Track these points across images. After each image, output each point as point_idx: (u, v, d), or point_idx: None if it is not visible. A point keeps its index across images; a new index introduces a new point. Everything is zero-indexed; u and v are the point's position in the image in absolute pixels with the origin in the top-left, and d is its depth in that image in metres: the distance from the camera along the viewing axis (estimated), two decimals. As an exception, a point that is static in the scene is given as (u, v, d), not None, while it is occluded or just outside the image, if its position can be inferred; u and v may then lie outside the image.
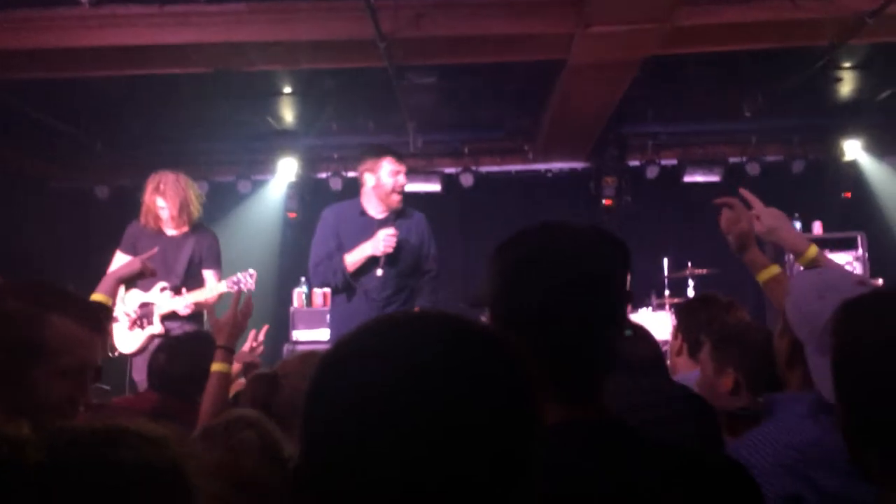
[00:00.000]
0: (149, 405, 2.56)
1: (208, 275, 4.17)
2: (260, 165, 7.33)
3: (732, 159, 7.15)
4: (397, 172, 3.96)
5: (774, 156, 7.16)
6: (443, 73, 6.09)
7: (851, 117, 6.87)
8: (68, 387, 1.53)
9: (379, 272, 3.81)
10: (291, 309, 6.62)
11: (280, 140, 7.13)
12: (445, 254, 7.46)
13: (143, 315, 4.10)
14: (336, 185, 7.28)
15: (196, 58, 4.97)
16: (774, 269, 2.08)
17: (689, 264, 6.27)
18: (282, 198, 7.37)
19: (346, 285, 3.87)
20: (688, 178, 7.13)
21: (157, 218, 4.12)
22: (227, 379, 2.34)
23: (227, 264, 4.27)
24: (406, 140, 6.82)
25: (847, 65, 5.90)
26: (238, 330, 2.48)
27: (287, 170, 7.20)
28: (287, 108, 6.74)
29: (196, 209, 4.15)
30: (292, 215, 7.35)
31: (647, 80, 5.60)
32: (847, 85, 6.40)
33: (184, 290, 4.10)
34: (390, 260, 3.83)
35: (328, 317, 4.86)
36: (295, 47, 4.82)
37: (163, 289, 4.10)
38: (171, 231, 4.17)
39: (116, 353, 4.07)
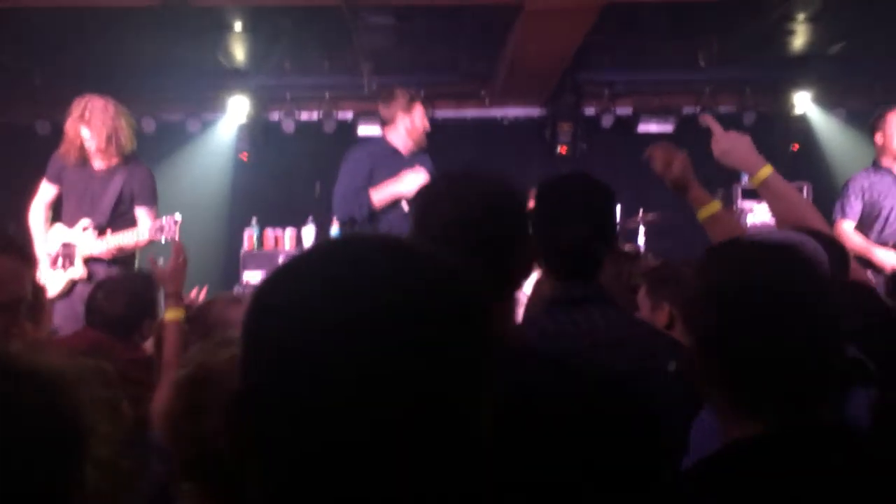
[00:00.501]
0: (86, 343, 2.55)
1: (141, 213, 3.83)
2: (209, 104, 7.14)
3: (686, 110, 7.21)
4: (426, 115, 4.32)
5: (727, 107, 7.24)
6: (399, 14, 5.97)
7: (803, 69, 6.96)
8: (1, 320, 1.54)
9: (406, 207, 3.89)
10: (242, 251, 6.56)
11: (231, 79, 6.94)
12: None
13: (65, 255, 3.74)
14: (288, 126, 7.15)
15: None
16: (714, 206, 2.10)
17: (641, 211, 6.36)
18: (232, 138, 7.20)
19: (370, 219, 3.96)
20: (642, 128, 7.18)
21: (81, 149, 3.72)
22: (182, 326, 2.33)
23: (175, 206, 4.05)
24: (361, 81, 6.71)
25: (801, 17, 5.94)
26: (182, 276, 2.47)
27: (238, 109, 7.02)
28: (238, 45, 6.53)
29: (128, 140, 3.78)
30: (244, 156, 7.21)
31: (605, 27, 5.58)
32: (800, 37, 6.45)
33: (109, 230, 3.76)
34: None
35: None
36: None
37: (85, 228, 3.74)
38: (98, 164, 3.78)
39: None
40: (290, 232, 6.74)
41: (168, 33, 5.80)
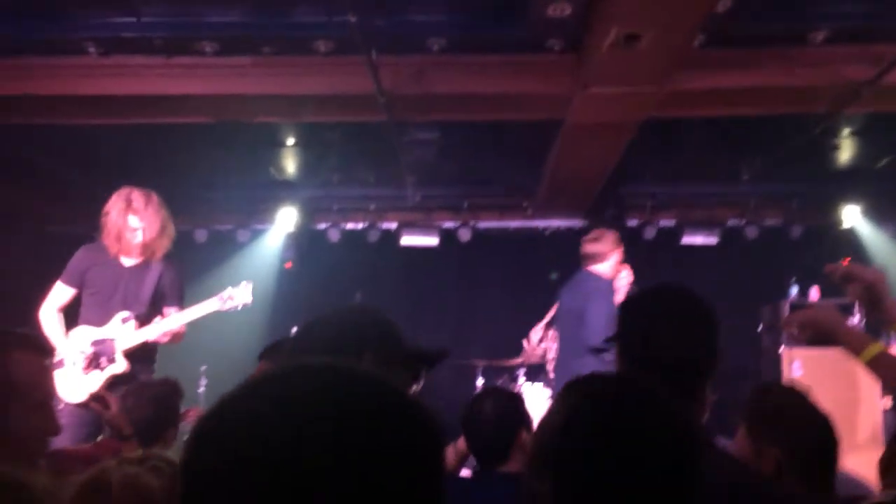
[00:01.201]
0: (109, 452, 2.51)
1: (171, 312, 3.69)
2: (260, 215, 7.36)
3: (731, 222, 7.16)
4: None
5: (773, 220, 7.17)
6: (444, 129, 6.16)
7: (850, 184, 6.91)
8: (40, 419, 1.55)
9: None
10: (284, 360, 6.56)
11: (280, 190, 7.17)
12: (442, 306, 7.49)
13: (102, 353, 3.55)
14: (334, 236, 7.30)
15: (200, 108, 5.04)
16: (877, 348, 1.80)
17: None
18: (279, 247, 7.37)
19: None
20: (686, 240, 7.13)
21: (123, 240, 3.55)
22: None
23: (220, 316, 4.05)
24: (405, 193, 6.87)
25: (846, 132, 5.96)
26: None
27: (286, 219, 7.22)
28: (289, 158, 6.79)
29: (171, 237, 3.68)
30: (288, 265, 7.34)
31: (647, 140, 5.66)
32: (846, 151, 6.45)
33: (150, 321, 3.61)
34: None
35: None
36: (297, 101, 4.88)
37: (125, 319, 3.56)
38: (131, 260, 3.63)
39: (62, 406, 3.42)
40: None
41: (223, 148, 6.07)
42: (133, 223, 3.57)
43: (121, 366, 3.58)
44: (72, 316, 3.75)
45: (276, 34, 4.38)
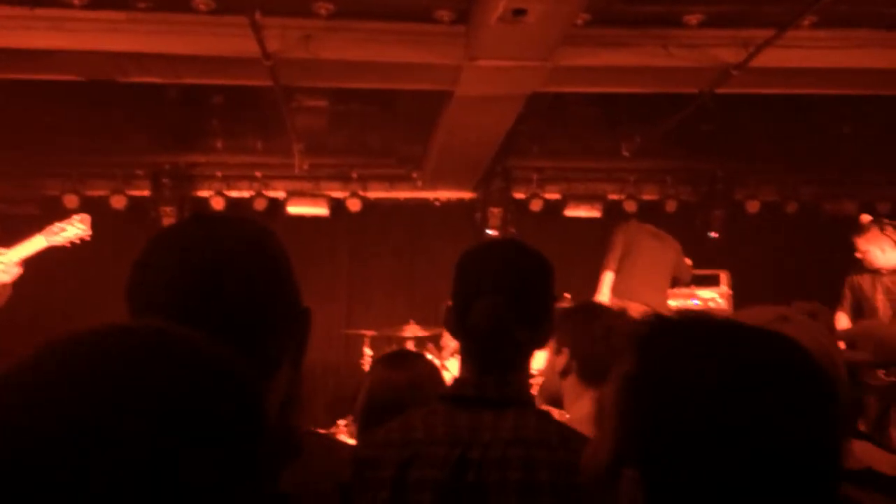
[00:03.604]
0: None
1: None
2: (137, 181, 7.02)
3: (612, 196, 7.44)
4: None
5: (651, 195, 7.50)
6: (333, 97, 6.06)
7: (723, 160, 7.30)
8: None
9: None
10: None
11: (160, 155, 6.86)
12: (331, 278, 7.42)
13: None
14: (218, 204, 7.06)
15: (69, 65, 4.73)
16: None
17: (568, 296, 6.44)
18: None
19: None
20: (570, 213, 7.36)
21: None
22: None
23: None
24: (293, 161, 6.73)
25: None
26: None
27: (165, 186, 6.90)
28: (172, 121, 6.50)
29: None
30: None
31: (534, 115, 5.77)
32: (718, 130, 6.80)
33: None
34: None
35: None
36: (175, 60, 4.66)
37: None
38: None
39: None
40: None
41: (97, 108, 5.73)
42: None
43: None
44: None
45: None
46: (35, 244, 3.56)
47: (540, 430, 1.38)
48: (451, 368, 5.44)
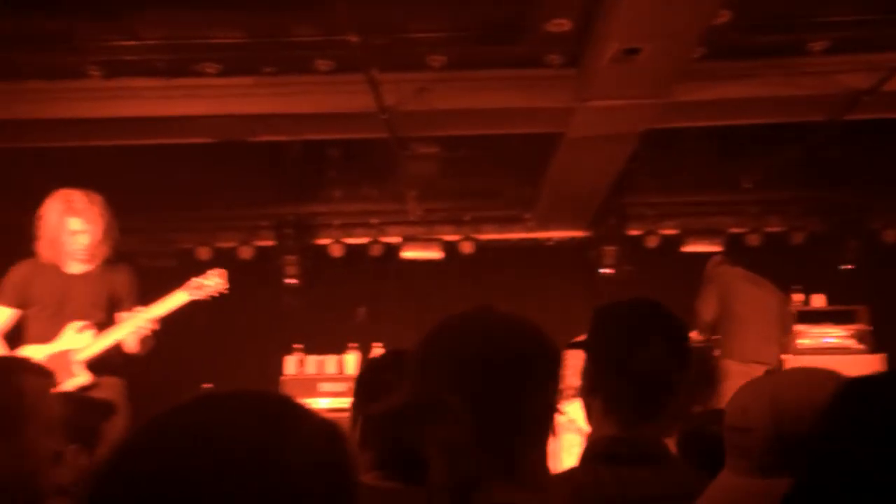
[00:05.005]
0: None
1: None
2: (263, 232, 7.36)
3: (733, 230, 7.17)
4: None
5: (775, 227, 7.18)
6: (444, 143, 6.18)
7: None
8: (52, 441, 1.62)
9: None
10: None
11: (282, 207, 7.17)
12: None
13: (56, 369, 3.05)
14: (336, 251, 7.30)
15: (202, 129, 5.06)
16: None
17: (694, 335, 6.22)
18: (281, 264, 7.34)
19: None
20: (688, 248, 7.13)
21: (61, 245, 3.24)
22: None
23: (223, 334, 4.02)
24: (406, 208, 6.88)
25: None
26: None
27: (288, 236, 7.20)
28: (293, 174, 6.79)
29: (115, 240, 3.36)
30: (292, 281, 7.32)
31: (648, 151, 5.67)
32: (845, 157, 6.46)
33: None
34: None
35: None
36: (298, 119, 4.90)
37: (80, 328, 3.26)
38: (75, 267, 3.32)
39: None
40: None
41: (225, 165, 6.08)
42: (74, 226, 3.28)
43: (81, 378, 3.27)
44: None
45: (277, 54, 4.41)
46: (177, 300, 3.45)
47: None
48: (569, 412, 5.34)
